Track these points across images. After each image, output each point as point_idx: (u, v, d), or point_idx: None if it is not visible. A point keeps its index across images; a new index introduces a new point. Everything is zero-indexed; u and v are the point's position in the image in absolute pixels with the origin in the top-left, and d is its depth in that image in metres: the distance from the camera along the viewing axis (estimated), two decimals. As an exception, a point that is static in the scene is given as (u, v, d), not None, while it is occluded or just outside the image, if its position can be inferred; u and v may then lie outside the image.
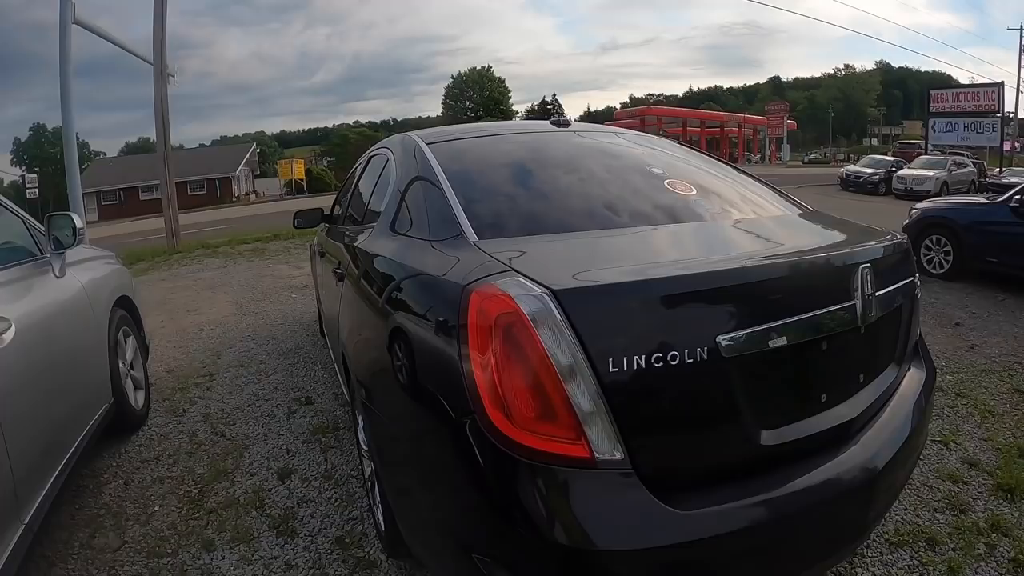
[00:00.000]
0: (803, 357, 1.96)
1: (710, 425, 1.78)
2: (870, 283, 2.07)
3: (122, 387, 4.09)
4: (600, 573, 1.62)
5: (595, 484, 1.62)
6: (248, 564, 2.92)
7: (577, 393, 1.59)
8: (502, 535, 1.71)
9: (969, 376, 5.13)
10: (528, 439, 1.62)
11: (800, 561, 1.91)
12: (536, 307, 1.61)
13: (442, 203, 2.42)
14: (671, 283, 1.77)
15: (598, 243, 2.22)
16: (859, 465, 1.96)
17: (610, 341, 1.63)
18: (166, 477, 3.74)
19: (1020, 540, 3.00)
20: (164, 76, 14.97)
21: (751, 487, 1.77)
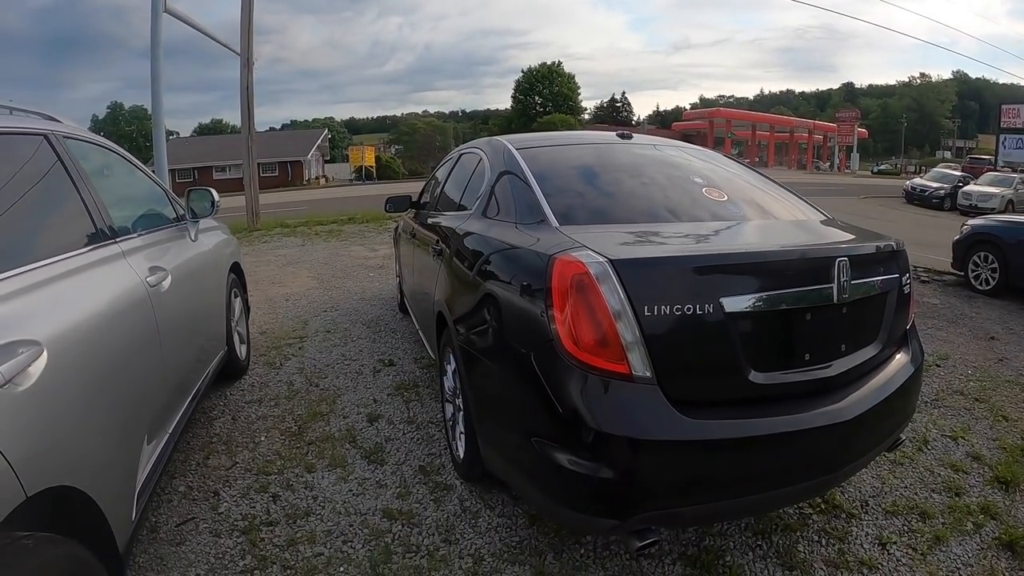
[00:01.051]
0: (790, 322, 2.58)
1: (714, 361, 2.44)
2: (846, 272, 2.63)
3: (232, 339, 4.74)
4: (625, 452, 2.28)
5: (631, 392, 2.31)
6: (344, 482, 3.54)
7: (623, 329, 2.29)
8: (561, 423, 2.38)
9: (992, 384, 5.36)
10: (589, 359, 2.32)
11: (776, 476, 2.51)
12: (599, 270, 2.33)
13: (529, 195, 3.18)
14: (688, 259, 2.51)
15: (644, 231, 2.94)
16: (833, 413, 2.53)
17: (646, 295, 2.31)
18: (269, 415, 4.38)
19: (1008, 524, 3.32)
20: (250, 65, 15.60)
21: (745, 412, 2.43)
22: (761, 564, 2.98)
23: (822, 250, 2.79)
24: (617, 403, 2.32)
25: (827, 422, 2.50)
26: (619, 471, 2.29)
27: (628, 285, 2.32)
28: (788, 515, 3.35)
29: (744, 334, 2.46)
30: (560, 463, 2.37)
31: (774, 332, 2.59)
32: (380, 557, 2.91)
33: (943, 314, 7.79)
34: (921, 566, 3.00)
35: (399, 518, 3.21)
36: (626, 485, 2.31)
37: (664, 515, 2.43)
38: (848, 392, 2.68)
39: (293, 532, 3.10)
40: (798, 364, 2.61)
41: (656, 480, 2.34)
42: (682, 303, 2.33)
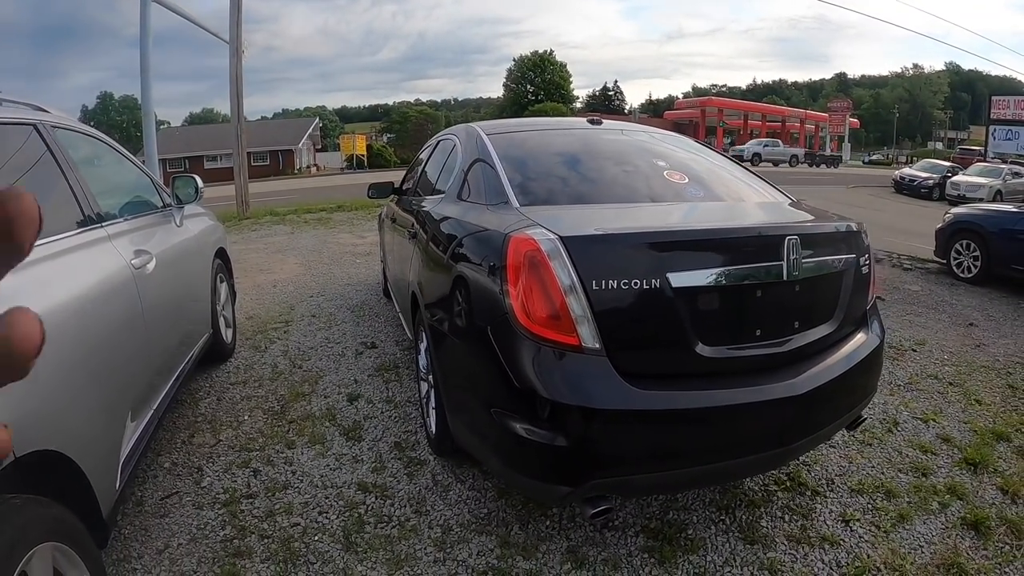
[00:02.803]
0: (740, 298, 2.71)
1: (662, 335, 2.57)
2: (796, 250, 2.71)
3: (218, 322, 4.87)
4: (576, 421, 2.42)
5: (581, 364, 2.44)
6: (323, 458, 3.70)
7: (573, 302, 2.41)
8: (516, 394, 2.51)
9: (967, 370, 5.46)
10: (541, 331, 2.45)
11: (726, 448, 2.64)
12: (550, 247, 2.46)
13: (495, 178, 3.29)
14: (635, 236, 2.63)
15: (600, 211, 3.11)
16: (784, 388, 2.63)
17: (594, 270, 2.43)
18: (253, 396, 4.52)
19: (973, 505, 3.39)
20: (240, 53, 15.66)
21: (694, 385, 2.57)
22: (723, 538, 3.08)
23: (772, 228, 2.87)
24: (568, 374, 2.45)
25: (778, 396, 2.60)
26: (570, 439, 2.40)
27: (577, 261, 2.44)
28: (753, 491, 3.46)
29: (692, 309, 2.57)
30: (517, 432, 2.49)
31: (723, 308, 2.72)
32: (353, 527, 3.07)
33: (923, 301, 7.90)
34: (883, 543, 3.08)
35: (373, 491, 3.37)
36: (577, 453, 2.43)
37: (615, 483, 2.54)
38: (801, 368, 2.76)
39: (272, 504, 3.25)
40: (749, 339, 2.72)
41: (605, 449, 2.44)
42: (629, 278, 2.44)
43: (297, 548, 2.93)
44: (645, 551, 2.98)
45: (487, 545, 2.98)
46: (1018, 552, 3.05)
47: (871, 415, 4.41)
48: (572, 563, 2.88)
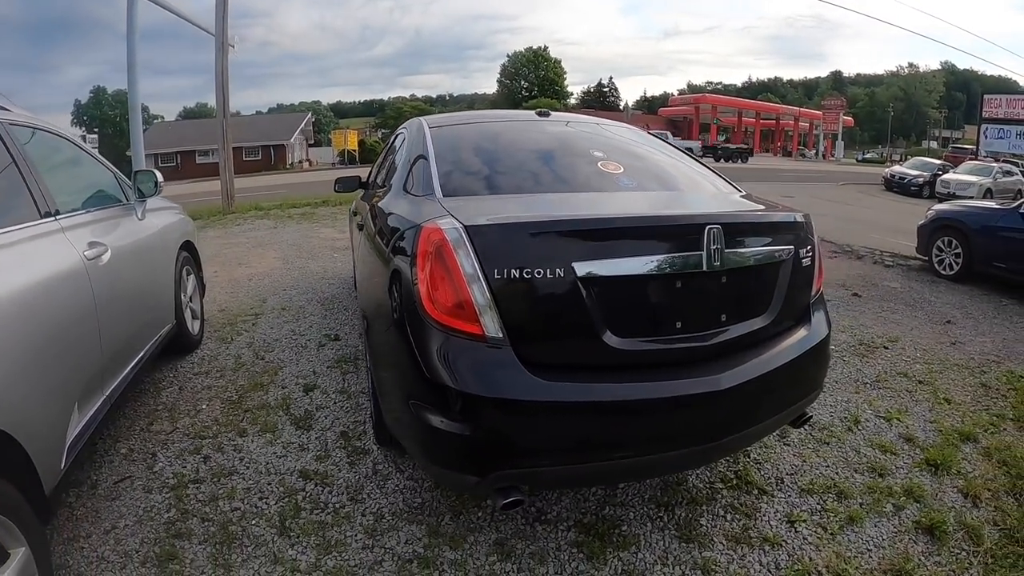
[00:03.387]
0: (656, 289, 2.66)
1: (569, 325, 2.53)
2: (717, 240, 2.62)
3: (183, 314, 4.97)
4: (479, 411, 2.44)
5: (485, 353, 2.46)
6: (271, 445, 3.82)
7: (476, 291, 2.43)
8: (428, 385, 2.52)
9: (940, 368, 5.41)
10: (447, 320, 2.48)
11: (642, 443, 2.62)
12: (454, 236, 2.48)
13: (427, 171, 3.29)
14: (539, 224, 2.58)
15: (520, 200, 3.10)
16: (706, 382, 2.58)
17: (497, 259, 2.45)
18: (213, 386, 4.63)
19: (930, 508, 3.32)
20: (225, 48, 15.69)
21: (604, 377, 2.54)
22: (658, 536, 3.08)
23: (690, 218, 2.79)
24: (471, 363, 2.47)
25: (698, 392, 2.56)
26: (474, 429, 2.43)
27: (480, 249, 2.45)
28: (696, 489, 3.45)
29: (601, 299, 2.51)
30: (428, 421, 2.51)
31: (636, 298, 2.65)
32: (289, 512, 3.18)
33: (902, 298, 7.89)
34: (828, 545, 3.04)
35: (314, 478, 3.47)
36: (481, 443, 2.46)
37: (523, 474, 2.55)
38: (728, 363, 2.69)
39: (216, 489, 3.37)
40: (668, 332, 2.66)
41: (509, 439, 2.48)
42: (533, 267, 2.43)
43: (234, 531, 3.04)
44: (574, 546, 3.00)
45: (416, 534, 3.05)
46: (975, 559, 3.00)
47: (830, 413, 4.41)
48: (498, 555, 2.93)
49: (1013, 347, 6.12)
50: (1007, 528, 3.21)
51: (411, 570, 2.83)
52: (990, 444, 4.05)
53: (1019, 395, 4.85)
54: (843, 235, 12.42)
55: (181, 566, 2.82)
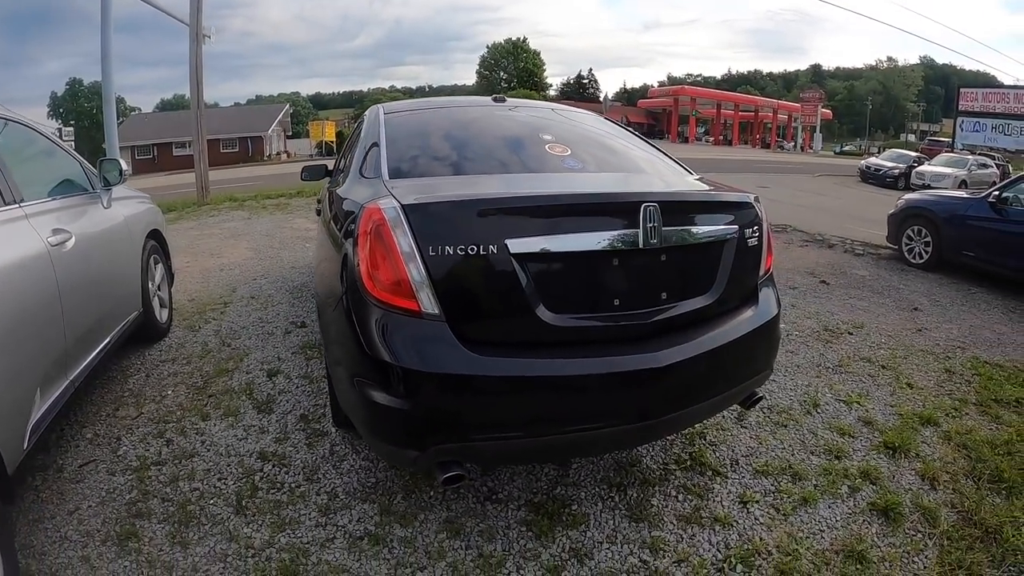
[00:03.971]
0: (592, 266, 2.68)
1: (503, 301, 2.58)
2: (654, 218, 2.65)
3: (150, 302, 5.02)
4: (416, 386, 2.51)
5: (421, 329, 2.53)
6: (232, 429, 3.90)
7: (412, 269, 2.49)
8: (369, 361, 2.59)
9: (904, 353, 5.48)
10: (385, 297, 2.54)
11: (577, 419, 2.67)
12: (392, 215, 2.55)
13: (378, 155, 3.33)
14: (473, 202, 2.64)
15: (464, 181, 3.16)
16: (642, 359, 2.62)
17: (433, 236, 2.51)
18: (179, 372, 4.69)
19: (886, 490, 3.36)
20: (200, 38, 15.62)
21: (538, 352, 2.60)
22: (608, 515, 3.14)
23: (625, 196, 2.84)
24: (408, 339, 2.53)
25: (634, 368, 2.59)
26: (412, 403, 2.50)
27: (416, 228, 2.51)
28: (649, 470, 3.51)
29: (535, 276, 2.56)
30: (371, 397, 2.58)
31: (572, 275, 2.69)
32: (246, 492, 3.27)
33: (870, 285, 7.98)
34: (780, 526, 3.09)
35: (272, 459, 3.56)
36: (419, 417, 2.53)
37: (460, 449, 2.61)
38: (667, 341, 2.72)
39: (177, 471, 3.45)
40: (605, 308, 2.71)
41: (446, 413, 2.54)
42: (467, 244, 2.49)
43: (192, 511, 3.13)
44: (524, 524, 3.07)
45: (368, 512, 3.14)
46: (930, 541, 3.04)
47: (790, 396, 4.47)
48: (448, 533, 3.00)
49: (979, 334, 6.21)
50: (964, 510, 3.26)
51: (361, 547, 2.92)
52: (951, 428, 4.10)
53: (983, 381, 4.93)
54: (815, 224, 12.53)
55: (140, 544, 2.90)
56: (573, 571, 2.81)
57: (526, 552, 2.91)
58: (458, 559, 2.86)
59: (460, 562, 2.84)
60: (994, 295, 7.82)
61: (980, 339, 6.05)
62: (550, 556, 2.89)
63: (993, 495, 3.40)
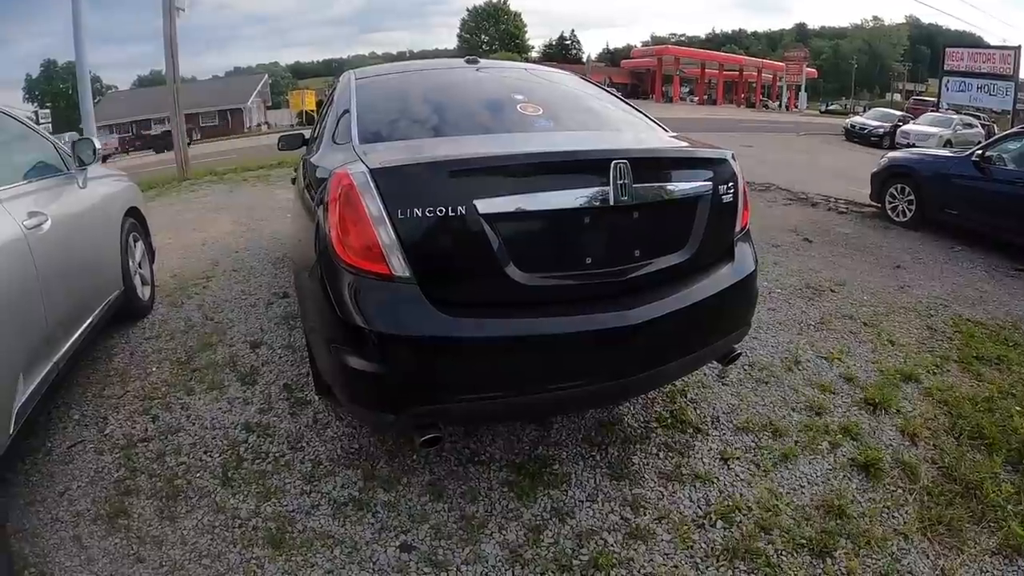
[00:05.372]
0: (563, 225, 2.68)
1: (473, 262, 2.59)
2: (625, 175, 2.64)
3: (131, 280, 5.01)
4: (389, 349, 2.54)
5: (393, 292, 2.54)
6: (217, 402, 3.93)
7: (382, 233, 2.49)
8: (344, 327, 2.60)
9: (887, 310, 5.53)
10: (357, 261, 2.54)
11: (553, 377, 2.68)
12: (360, 180, 2.53)
13: (349, 120, 3.28)
14: (441, 164, 2.63)
15: (434, 143, 3.12)
16: (614, 318, 2.64)
17: (402, 200, 2.50)
18: (163, 349, 4.70)
19: (867, 446, 3.41)
20: (173, 12, 15.32)
21: (510, 312, 2.62)
22: (589, 474, 3.20)
23: (594, 153, 2.81)
24: (380, 303, 2.55)
25: (608, 326, 2.62)
26: (386, 367, 2.54)
27: (385, 191, 2.50)
28: (631, 428, 3.57)
29: (506, 236, 2.56)
30: (347, 362, 2.59)
31: (543, 234, 2.71)
32: (232, 464, 3.31)
33: (853, 243, 8.06)
34: (761, 482, 3.13)
35: (256, 430, 3.60)
36: (394, 380, 2.56)
37: (436, 410, 2.64)
38: (641, 299, 2.73)
39: (164, 446, 3.49)
40: (577, 267, 2.71)
41: (420, 376, 2.57)
42: (435, 206, 2.48)
43: (179, 485, 3.17)
44: (505, 485, 3.13)
45: (352, 478, 3.19)
46: (910, 496, 3.08)
47: (771, 353, 4.52)
48: (430, 495, 3.06)
49: (962, 291, 6.29)
50: (944, 466, 3.32)
51: (346, 512, 2.97)
52: (932, 385, 4.16)
53: (964, 338, 5.00)
54: (799, 183, 12.61)
55: (129, 520, 2.94)
56: (555, 530, 2.87)
57: (508, 512, 2.97)
58: (441, 521, 2.92)
59: (443, 524, 2.90)
60: (977, 253, 7.89)
61: (962, 297, 6.12)
62: (532, 516, 2.95)
63: (973, 451, 3.46)
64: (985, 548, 2.81)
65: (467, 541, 2.81)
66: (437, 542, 2.81)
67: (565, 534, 2.85)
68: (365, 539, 2.82)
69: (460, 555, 2.74)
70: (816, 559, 2.72)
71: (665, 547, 2.80)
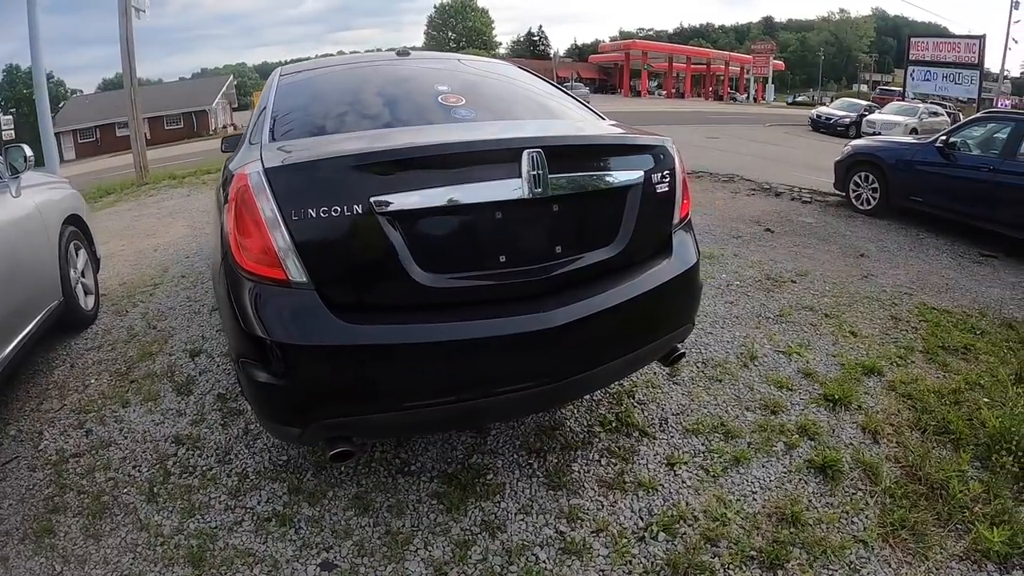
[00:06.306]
0: (472, 221, 2.54)
1: (373, 264, 2.44)
2: (539, 165, 2.46)
3: (72, 290, 4.85)
4: (289, 360, 2.39)
5: (290, 298, 2.40)
6: (151, 414, 3.81)
7: (276, 236, 2.34)
8: (247, 337, 2.46)
9: (849, 301, 5.45)
10: (253, 267, 2.41)
11: (471, 386, 2.55)
12: (255, 180, 2.39)
13: (264, 118, 3.11)
14: (338, 160, 2.45)
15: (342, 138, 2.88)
16: (536, 320, 2.47)
17: (296, 199, 2.35)
18: (104, 359, 4.56)
19: (824, 446, 3.30)
20: (129, 12, 15.04)
21: (417, 317, 2.46)
22: (525, 483, 3.08)
23: (505, 142, 2.62)
24: (279, 310, 2.41)
25: (527, 329, 2.46)
26: (287, 378, 2.39)
27: (278, 191, 2.35)
28: (572, 432, 3.45)
29: (408, 235, 2.41)
30: (252, 374, 2.45)
31: (450, 232, 2.56)
32: (159, 479, 3.21)
33: (816, 232, 8.02)
34: (709, 488, 3.01)
35: (186, 443, 3.49)
36: (295, 392, 2.43)
37: (346, 423, 2.50)
38: (566, 298, 2.58)
39: (95, 461, 3.37)
40: (491, 266, 2.54)
41: (323, 387, 2.44)
42: (330, 205, 2.33)
43: (106, 501, 3.07)
44: (435, 497, 3.01)
45: (277, 492, 3.08)
46: (871, 499, 2.97)
47: (726, 349, 4.42)
48: (356, 509, 2.95)
49: (927, 279, 6.28)
50: (908, 465, 3.21)
51: (268, 528, 2.87)
52: (895, 377, 4.08)
53: (930, 327, 4.94)
54: (764, 173, 12.59)
55: (55, 539, 2.85)
56: (483, 545, 2.77)
57: (436, 527, 2.86)
58: (365, 537, 2.82)
59: (367, 540, 2.80)
60: (942, 240, 7.93)
61: (928, 284, 6.11)
62: (461, 530, 2.84)
63: (939, 447, 3.38)
64: (951, 553, 2.70)
65: (390, 558, 2.71)
66: (359, 559, 2.71)
67: (494, 550, 2.74)
68: (286, 557, 2.73)
69: (382, 574, 2.65)
70: (766, 572, 2.62)
71: (601, 563, 2.68)
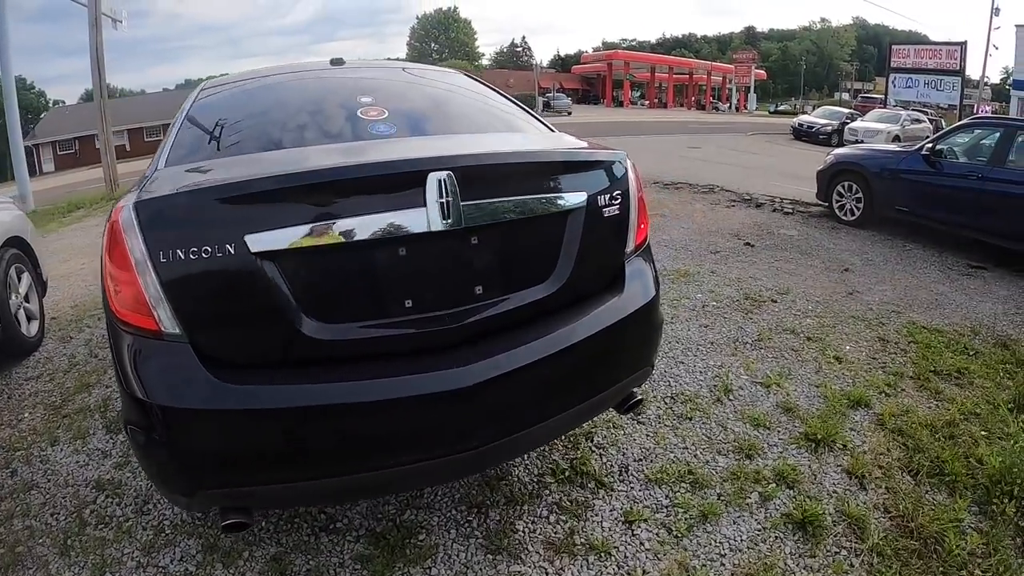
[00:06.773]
0: (370, 259, 2.17)
1: (252, 313, 2.09)
2: (450, 191, 2.11)
3: (11, 317, 4.57)
4: (163, 422, 2.04)
5: (164, 353, 2.06)
6: (77, 454, 3.51)
7: (147, 280, 1.99)
8: (123, 389, 2.14)
9: (833, 321, 5.13)
10: (128, 316, 2.07)
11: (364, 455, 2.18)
12: (125, 216, 2.03)
13: (167, 141, 2.77)
14: (208, 191, 2.09)
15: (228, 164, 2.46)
16: (447, 378, 2.11)
17: (165, 239, 1.99)
18: (41, 391, 4.28)
19: (805, 495, 2.94)
20: (99, 22, 14.84)
21: (306, 375, 2.10)
22: (462, 545, 2.72)
23: (405, 164, 2.20)
24: (153, 366, 2.09)
25: (433, 390, 2.10)
26: (164, 442, 2.08)
27: (147, 229, 2.01)
28: (521, 484, 3.07)
29: (292, 279, 2.06)
30: (134, 435, 2.14)
31: (343, 274, 2.17)
32: (74, 529, 2.93)
33: (798, 246, 7.77)
34: (671, 552, 2.65)
35: (107, 488, 3.20)
36: (174, 459, 2.11)
37: (232, 493, 2.16)
38: (488, 348, 2.22)
39: (15, 507, 3.11)
40: (393, 313, 2.18)
41: (201, 455, 2.11)
42: (199, 245, 1.98)
43: (20, 552, 2.81)
44: (359, 560, 2.66)
45: (191, 550, 2.75)
46: (856, 559, 2.62)
47: (698, 382, 4.06)
48: (273, 572, 2.63)
49: (915, 295, 6.02)
50: (899, 515, 2.86)
51: (178, 590, 2.58)
52: (884, 410, 3.71)
53: (920, 349, 4.64)
54: (744, 183, 12.39)
55: (-37, 596, 2.57)
56: (407, 621, 2.42)
57: (356, 597, 2.53)
58: (279, 607, 2.50)
59: (281, 611, 2.48)
60: (930, 251, 7.73)
61: (916, 300, 5.86)
62: (384, 602, 2.51)
63: (933, 492, 3.04)
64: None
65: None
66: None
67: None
68: (191, 626, 2.42)
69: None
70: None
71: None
